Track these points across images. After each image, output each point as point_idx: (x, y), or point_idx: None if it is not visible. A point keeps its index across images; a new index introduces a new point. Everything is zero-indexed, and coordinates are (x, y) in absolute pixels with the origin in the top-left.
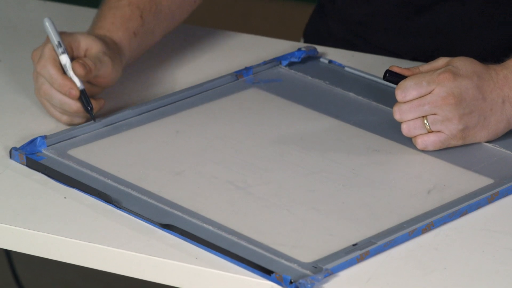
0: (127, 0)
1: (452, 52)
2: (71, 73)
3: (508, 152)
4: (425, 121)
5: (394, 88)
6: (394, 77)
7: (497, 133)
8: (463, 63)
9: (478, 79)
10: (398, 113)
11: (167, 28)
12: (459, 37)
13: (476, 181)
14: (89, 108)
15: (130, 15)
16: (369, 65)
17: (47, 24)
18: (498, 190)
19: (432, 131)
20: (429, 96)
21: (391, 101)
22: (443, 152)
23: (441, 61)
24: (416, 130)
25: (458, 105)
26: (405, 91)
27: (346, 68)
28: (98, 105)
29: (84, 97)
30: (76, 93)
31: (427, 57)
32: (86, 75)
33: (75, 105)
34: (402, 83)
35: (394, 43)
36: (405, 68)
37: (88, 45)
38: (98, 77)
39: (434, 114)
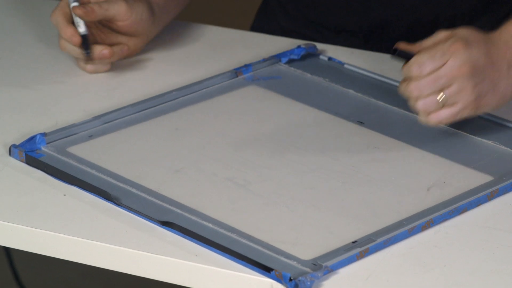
0: None
1: (411, 22)
2: (76, 19)
3: (508, 149)
4: (440, 95)
5: (392, 84)
6: (403, 54)
7: (506, 99)
8: (468, 32)
9: (485, 46)
10: (417, 89)
11: None
12: (415, 5)
13: (476, 178)
14: (86, 53)
15: None
16: (369, 62)
17: None
18: (497, 187)
19: (445, 106)
20: (444, 68)
21: (391, 98)
22: (442, 149)
23: (442, 34)
24: (432, 107)
25: (473, 73)
26: (422, 65)
27: (345, 66)
28: (118, 50)
29: (84, 41)
30: (77, 40)
31: (383, 33)
32: (87, 16)
33: (77, 51)
34: (417, 58)
35: (348, 20)
36: (410, 45)
37: None
38: (114, 21)
39: (450, 86)
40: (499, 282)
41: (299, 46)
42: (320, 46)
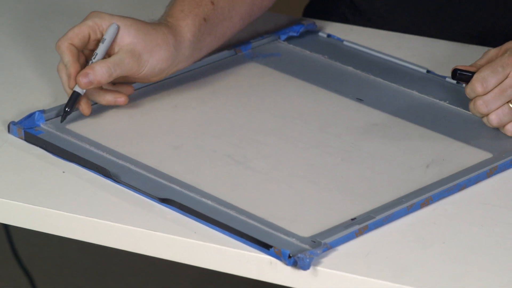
0: None
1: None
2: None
3: None
4: (511, 105)
5: (391, 61)
6: (463, 75)
7: None
8: None
9: None
10: (484, 105)
11: (246, 13)
12: None
13: (475, 155)
14: (65, 109)
15: (199, 1)
16: (368, 39)
17: (112, 29)
18: (497, 164)
19: None
20: (508, 80)
21: (390, 75)
22: (442, 126)
23: (493, 51)
24: (506, 118)
25: None
26: (485, 82)
27: (344, 42)
28: (114, 98)
29: (72, 98)
30: (71, 85)
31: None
32: (89, 86)
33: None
34: (479, 75)
35: None
36: (467, 66)
37: (121, 37)
38: (125, 77)
39: None
40: (498, 258)
41: (298, 23)
42: (318, 23)
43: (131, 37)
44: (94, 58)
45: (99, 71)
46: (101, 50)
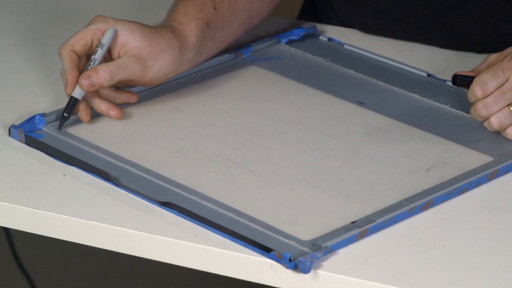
0: None
1: None
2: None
3: None
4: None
5: (392, 65)
6: (463, 80)
7: None
8: None
9: None
10: (484, 108)
11: (245, 20)
12: None
13: (476, 159)
14: (63, 114)
15: (202, 6)
16: (368, 43)
17: (110, 33)
18: (497, 168)
19: None
20: (509, 83)
21: (391, 78)
22: (442, 129)
23: (493, 56)
24: (507, 120)
25: None
26: (485, 85)
27: (345, 46)
28: (127, 98)
29: (70, 102)
30: (69, 91)
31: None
32: (91, 88)
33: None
34: (478, 79)
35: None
36: (468, 71)
37: (126, 41)
38: (129, 81)
39: None
40: (498, 261)
41: (298, 27)
42: (319, 26)
43: (137, 41)
44: (92, 63)
45: (102, 74)
46: (99, 55)
